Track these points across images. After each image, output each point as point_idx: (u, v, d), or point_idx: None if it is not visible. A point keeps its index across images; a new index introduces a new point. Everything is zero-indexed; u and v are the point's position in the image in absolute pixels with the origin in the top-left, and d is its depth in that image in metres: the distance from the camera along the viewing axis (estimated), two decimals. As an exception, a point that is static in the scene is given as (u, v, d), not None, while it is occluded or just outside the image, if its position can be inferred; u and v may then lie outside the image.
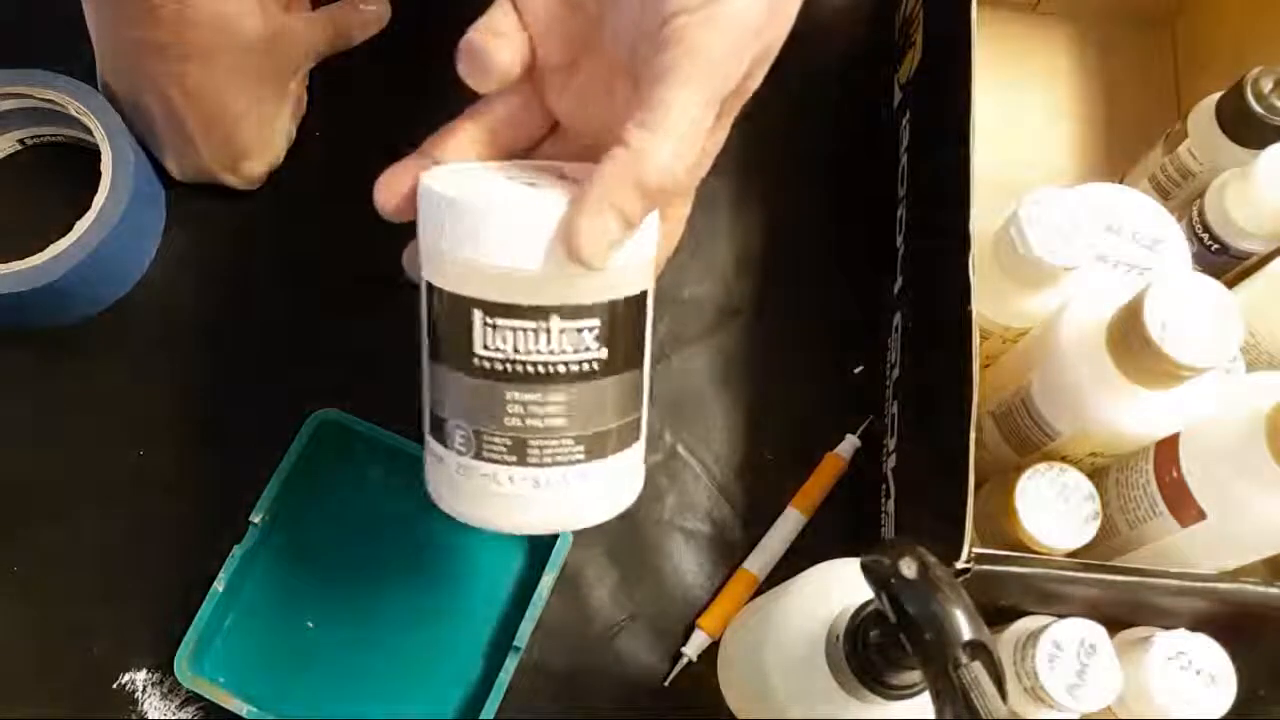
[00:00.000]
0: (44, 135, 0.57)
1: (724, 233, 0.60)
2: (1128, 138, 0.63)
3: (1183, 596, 0.43)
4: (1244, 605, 0.43)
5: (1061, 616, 0.43)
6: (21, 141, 0.58)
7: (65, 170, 0.56)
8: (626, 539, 0.54)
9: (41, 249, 0.51)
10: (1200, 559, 0.44)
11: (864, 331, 0.58)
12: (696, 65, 0.34)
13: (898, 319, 0.56)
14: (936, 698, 0.30)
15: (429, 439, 0.38)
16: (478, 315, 0.34)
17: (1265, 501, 0.40)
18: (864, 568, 0.33)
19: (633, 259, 0.36)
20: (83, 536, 0.52)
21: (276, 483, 0.51)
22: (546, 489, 0.36)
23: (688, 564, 0.54)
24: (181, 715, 0.49)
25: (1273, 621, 0.45)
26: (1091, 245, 0.44)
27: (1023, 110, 0.64)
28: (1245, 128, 0.50)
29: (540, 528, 0.38)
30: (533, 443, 0.36)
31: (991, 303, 0.47)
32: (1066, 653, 0.42)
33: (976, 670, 0.30)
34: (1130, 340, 0.41)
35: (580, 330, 0.35)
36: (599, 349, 0.35)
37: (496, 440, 0.36)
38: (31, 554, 0.51)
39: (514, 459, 0.36)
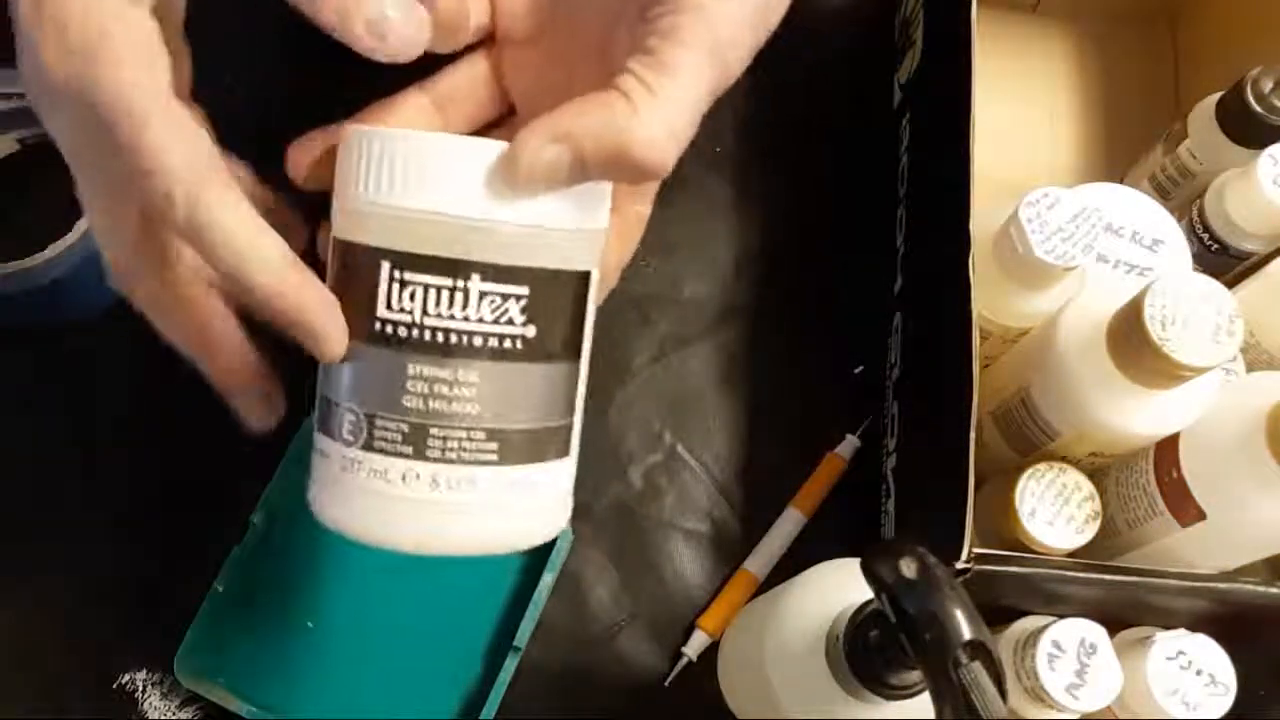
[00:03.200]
0: (44, 135, 0.57)
1: (724, 233, 0.60)
2: (1128, 138, 0.63)
3: (1183, 596, 0.43)
4: (1244, 605, 0.43)
5: (1061, 616, 0.43)
6: (21, 141, 0.57)
7: (65, 170, 0.56)
8: (626, 539, 0.54)
9: (41, 249, 0.51)
10: (1200, 559, 0.44)
11: (864, 331, 0.58)
12: (709, 36, 0.31)
13: (898, 319, 0.56)
14: (936, 698, 0.30)
15: (316, 437, 0.33)
16: (385, 268, 0.30)
17: (1265, 501, 0.40)
18: (864, 568, 0.33)
19: (580, 226, 0.32)
20: (82, 536, 0.52)
21: (276, 483, 0.51)
22: (446, 492, 0.31)
23: (688, 564, 0.54)
24: (181, 715, 0.49)
25: (1273, 621, 0.45)
26: (1091, 245, 0.44)
27: (1023, 110, 0.64)
28: (1245, 128, 0.50)
29: (432, 545, 0.32)
30: (435, 431, 0.30)
31: (991, 303, 0.47)
32: (1066, 653, 0.42)
33: (976, 670, 0.30)
34: (1130, 340, 0.41)
35: (505, 297, 0.30)
36: (525, 324, 0.30)
37: (391, 426, 0.30)
38: (31, 554, 0.51)
39: (410, 450, 0.30)
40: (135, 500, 0.52)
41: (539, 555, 0.51)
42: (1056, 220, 0.44)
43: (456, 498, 0.31)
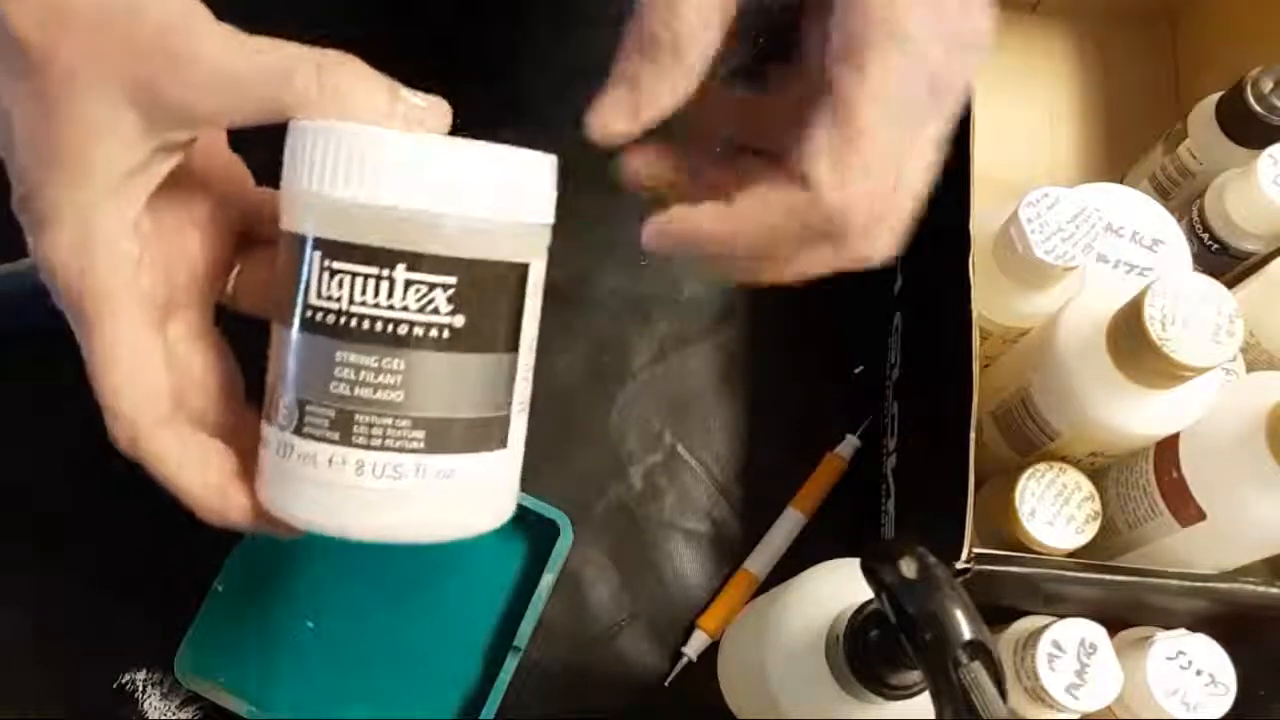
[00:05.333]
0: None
1: (724, 233, 0.60)
2: (1128, 138, 0.63)
3: (1183, 596, 0.43)
4: (1244, 605, 0.43)
5: (1061, 616, 0.43)
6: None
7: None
8: (626, 539, 0.54)
9: (41, 249, 0.51)
10: (1200, 559, 0.44)
11: (864, 331, 0.58)
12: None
13: (898, 319, 0.56)
14: (936, 698, 0.30)
15: (261, 424, 0.33)
16: (316, 256, 0.30)
17: (1265, 501, 0.40)
18: (864, 568, 0.33)
19: (515, 219, 0.32)
20: (82, 536, 0.52)
21: (276, 483, 0.51)
22: (372, 479, 0.31)
23: (688, 564, 0.54)
24: (181, 715, 0.49)
25: (1273, 621, 0.45)
26: (1091, 245, 0.44)
27: (1023, 110, 0.64)
28: (1245, 128, 0.50)
29: (357, 530, 0.32)
30: (360, 418, 0.31)
31: (991, 303, 0.47)
32: (1066, 653, 0.42)
33: (976, 670, 0.30)
34: (1130, 340, 0.41)
35: (431, 286, 0.30)
36: (453, 315, 0.31)
37: (320, 412, 0.31)
38: (31, 554, 0.51)
39: (337, 436, 0.31)
40: (135, 500, 0.52)
41: (539, 555, 0.51)
42: (1056, 220, 0.44)
43: (382, 485, 0.31)
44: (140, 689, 0.49)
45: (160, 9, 0.30)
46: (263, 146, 0.33)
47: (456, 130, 0.32)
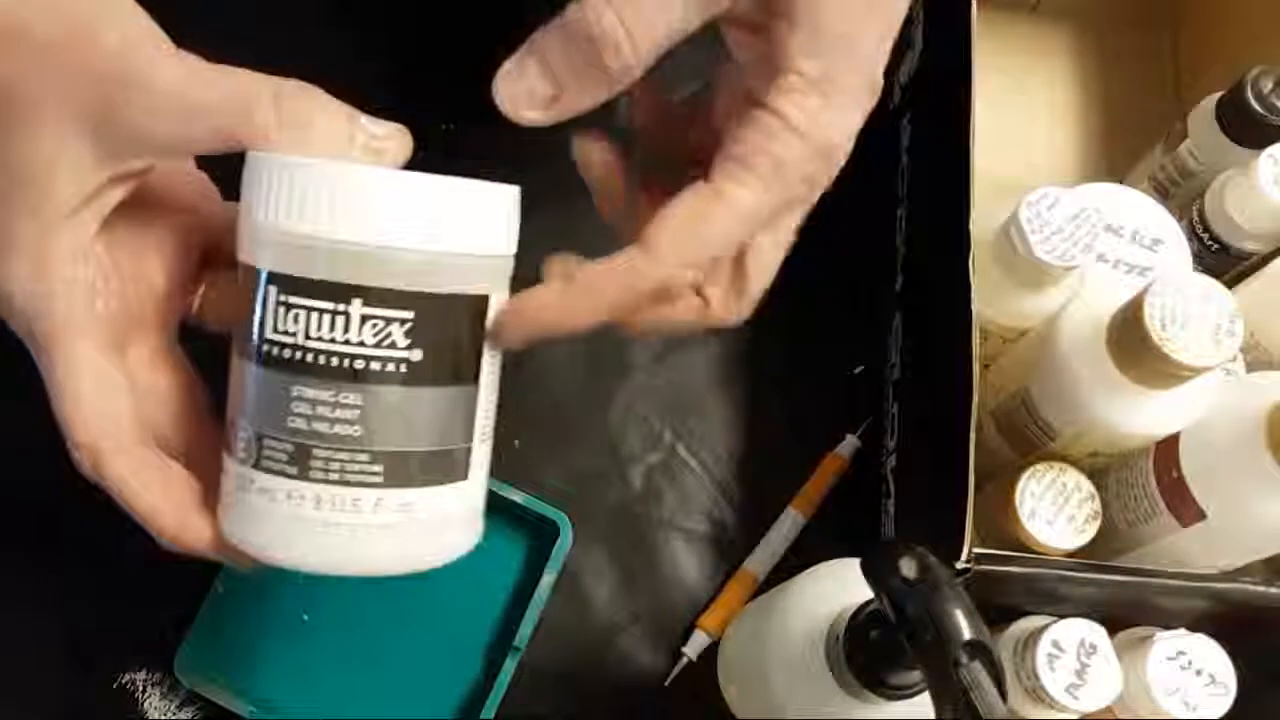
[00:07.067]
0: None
1: (724, 233, 0.60)
2: (1128, 138, 0.63)
3: (1183, 596, 0.43)
4: (1244, 605, 0.43)
5: (1061, 616, 0.43)
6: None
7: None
8: (626, 539, 0.54)
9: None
10: (1200, 559, 0.44)
11: (864, 331, 0.58)
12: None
13: (898, 319, 0.56)
14: (936, 698, 0.30)
15: (223, 456, 0.33)
16: (271, 291, 0.30)
17: (1265, 501, 0.40)
18: (864, 568, 0.33)
19: (471, 251, 0.31)
20: (83, 536, 0.52)
21: (276, 483, 0.51)
22: (330, 513, 0.31)
23: (688, 564, 0.54)
24: (181, 715, 0.49)
25: (1273, 621, 0.45)
26: (1091, 245, 0.44)
27: (1023, 110, 0.64)
28: (1245, 128, 0.50)
29: (317, 564, 0.32)
30: (318, 452, 0.30)
31: (991, 303, 0.47)
32: (1066, 653, 0.42)
33: (976, 670, 0.30)
34: (1130, 340, 0.41)
35: (388, 321, 0.30)
36: (409, 349, 0.30)
37: (277, 446, 0.31)
38: (31, 554, 0.51)
39: (295, 470, 0.31)
40: (135, 500, 0.52)
41: (539, 555, 0.51)
42: (1056, 220, 0.44)
43: (340, 519, 0.31)
44: (140, 689, 0.49)
45: (117, 34, 0.30)
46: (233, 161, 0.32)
47: (421, 161, 0.32)
